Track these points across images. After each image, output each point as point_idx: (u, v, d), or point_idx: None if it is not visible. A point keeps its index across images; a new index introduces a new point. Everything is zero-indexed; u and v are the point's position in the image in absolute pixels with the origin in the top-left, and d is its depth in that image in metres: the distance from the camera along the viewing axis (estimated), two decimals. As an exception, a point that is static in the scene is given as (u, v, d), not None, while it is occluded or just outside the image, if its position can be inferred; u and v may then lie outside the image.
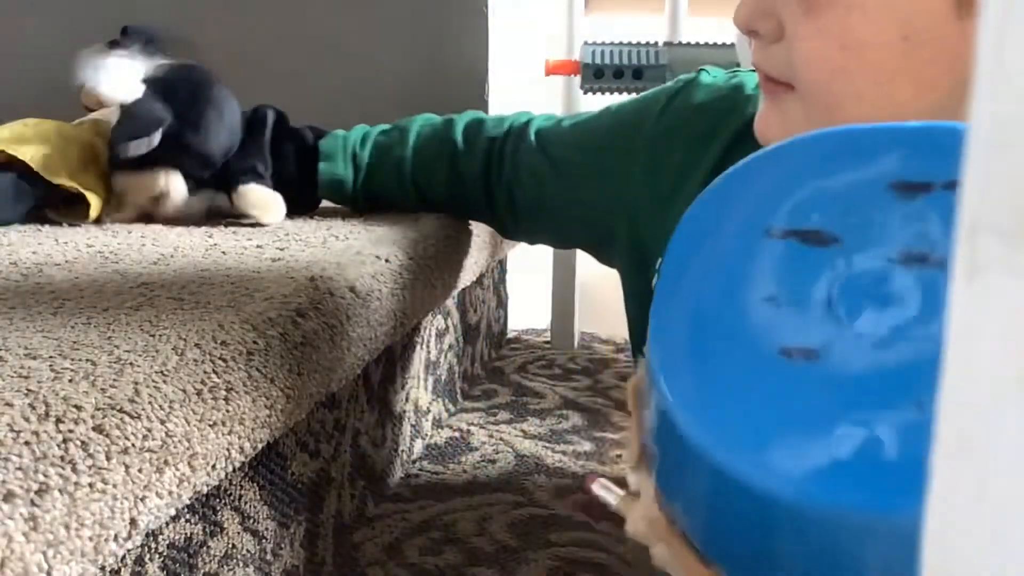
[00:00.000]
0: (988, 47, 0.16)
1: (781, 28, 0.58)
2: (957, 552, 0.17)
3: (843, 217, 0.35)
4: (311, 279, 0.68)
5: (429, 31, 1.36)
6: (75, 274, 0.70)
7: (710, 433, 0.33)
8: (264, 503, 0.62)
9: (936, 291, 0.32)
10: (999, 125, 0.16)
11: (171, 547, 0.51)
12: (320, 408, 0.69)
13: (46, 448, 0.39)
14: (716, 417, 0.33)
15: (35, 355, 0.50)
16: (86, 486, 0.40)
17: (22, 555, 0.36)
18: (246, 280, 0.68)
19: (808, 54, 0.57)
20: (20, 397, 0.43)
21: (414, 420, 0.99)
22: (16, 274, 0.70)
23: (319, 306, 0.65)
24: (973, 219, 0.16)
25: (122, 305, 0.61)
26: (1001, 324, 0.16)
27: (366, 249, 0.81)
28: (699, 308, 0.37)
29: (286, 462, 0.65)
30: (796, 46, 0.58)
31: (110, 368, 0.48)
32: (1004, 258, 0.16)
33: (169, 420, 0.46)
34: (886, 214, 0.34)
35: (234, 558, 0.58)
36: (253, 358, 0.55)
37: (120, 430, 0.43)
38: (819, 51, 0.56)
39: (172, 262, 0.75)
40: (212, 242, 0.84)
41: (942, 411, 0.17)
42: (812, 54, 0.57)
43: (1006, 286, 0.16)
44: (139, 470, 0.43)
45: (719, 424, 0.33)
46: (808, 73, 0.58)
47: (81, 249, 0.80)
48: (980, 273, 0.16)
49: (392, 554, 0.80)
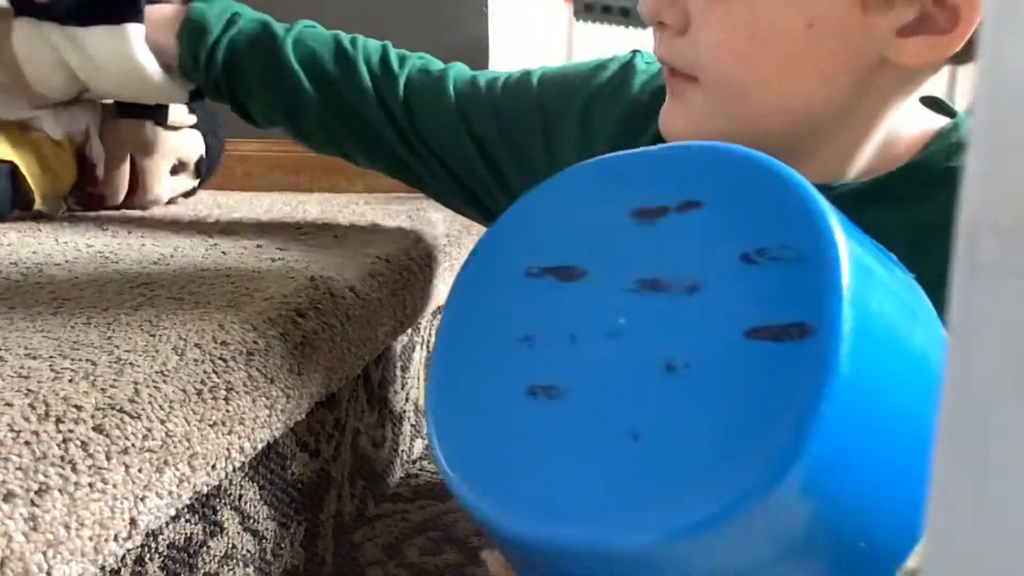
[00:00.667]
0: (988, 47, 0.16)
1: (687, 19, 0.58)
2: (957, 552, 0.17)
3: (591, 250, 0.34)
4: (311, 279, 0.68)
5: (429, 31, 1.36)
6: (75, 274, 0.70)
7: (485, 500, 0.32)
8: (264, 503, 0.62)
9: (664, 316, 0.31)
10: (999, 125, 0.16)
11: (171, 547, 0.51)
12: (320, 408, 0.69)
13: (46, 448, 0.39)
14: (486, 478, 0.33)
15: (35, 355, 0.50)
16: (86, 486, 0.40)
17: (22, 555, 0.36)
18: (246, 280, 0.68)
19: (713, 43, 0.57)
20: (20, 397, 0.43)
21: (414, 420, 0.99)
22: (16, 274, 0.70)
23: (319, 306, 0.65)
24: (973, 219, 0.16)
25: (122, 305, 0.61)
26: (1001, 324, 0.16)
27: (366, 249, 0.81)
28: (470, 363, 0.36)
29: (286, 462, 0.65)
30: (702, 35, 0.57)
31: (110, 368, 0.48)
32: (1004, 258, 0.16)
33: (169, 420, 0.46)
34: (627, 242, 0.34)
35: (234, 558, 0.58)
36: (253, 358, 0.55)
37: (120, 430, 0.43)
38: (724, 39, 0.56)
39: (172, 262, 0.75)
40: (212, 242, 0.84)
41: (942, 411, 0.17)
42: (717, 43, 0.56)
43: (1006, 286, 0.16)
44: (139, 470, 0.43)
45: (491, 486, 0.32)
46: (713, 63, 0.57)
47: (81, 249, 0.80)
48: (980, 273, 0.16)
49: (392, 554, 0.80)
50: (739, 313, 0.29)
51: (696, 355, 0.29)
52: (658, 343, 0.30)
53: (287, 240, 0.86)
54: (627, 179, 0.36)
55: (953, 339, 0.17)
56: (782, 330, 0.27)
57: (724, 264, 0.30)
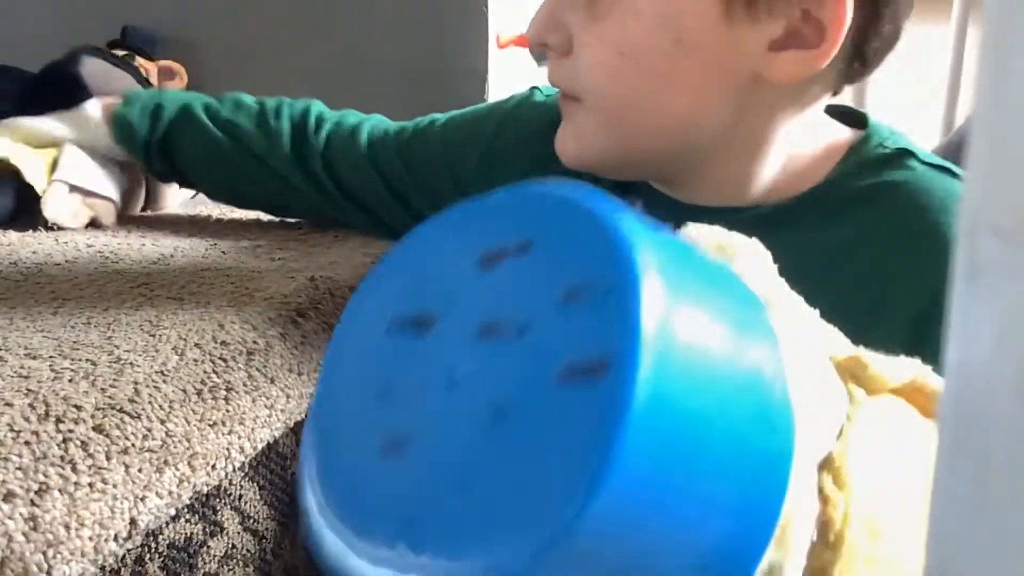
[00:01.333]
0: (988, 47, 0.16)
1: (570, 41, 0.58)
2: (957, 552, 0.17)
3: (441, 300, 0.34)
4: (311, 279, 0.68)
5: (429, 31, 1.36)
6: (75, 274, 0.70)
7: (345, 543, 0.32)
8: (264, 503, 0.62)
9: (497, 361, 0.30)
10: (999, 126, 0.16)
11: (171, 547, 0.51)
12: (320, 408, 0.69)
13: (46, 448, 0.39)
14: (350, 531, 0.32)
15: (35, 355, 0.50)
16: (86, 486, 0.40)
17: (22, 555, 0.36)
18: (246, 280, 0.68)
19: (590, 62, 0.57)
20: (20, 397, 0.43)
21: (414, 420, 0.99)
22: (16, 274, 0.70)
23: (319, 306, 0.65)
24: (973, 219, 0.16)
25: (122, 305, 0.61)
26: (1001, 324, 0.16)
27: (366, 249, 0.81)
28: (335, 429, 0.36)
29: (286, 462, 0.65)
30: (580, 55, 0.58)
31: (110, 368, 0.48)
32: (1004, 258, 0.16)
33: (169, 420, 0.46)
34: (470, 289, 0.33)
35: (234, 558, 0.58)
36: (253, 358, 0.55)
37: (120, 430, 0.43)
38: (599, 57, 0.57)
39: (172, 262, 0.75)
40: (212, 242, 0.84)
41: (942, 411, 0.17)
42: (592, 60, 0.57)
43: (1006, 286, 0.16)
44: (139, 470, 0.43)
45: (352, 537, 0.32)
46: (590, 81, 0.58)
47: (81, 249, 0.80)
48: (980, 273, 0.16)
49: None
50: (557, 353, 0.28)
51: (519, 399, 0.29)
52: (490, 389, 0.30)
53: (287, 240, 0.86)
54: (478, 224, 0.36)
55: (953, 339, 0.17)
56: (589, 368, 0.27)
57: (548, 304, 0.30)
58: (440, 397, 0.32)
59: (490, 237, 0.34)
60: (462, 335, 0.32)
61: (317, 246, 0.83)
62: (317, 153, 0.84)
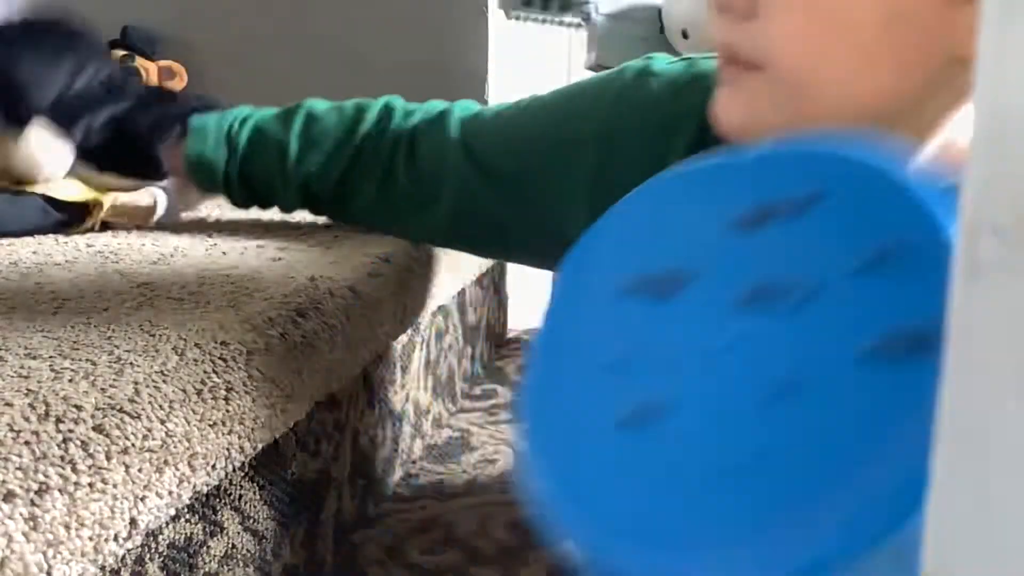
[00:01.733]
0: (988, 47, 0.16)
1: (756, 3, 0.54)
2: (957, 552, 0.17)
3: (687, 262, 0.32)
4: (311, 279, 0.68)
5: (429, 31, 1.36)
6: (75, 274, 0.70)
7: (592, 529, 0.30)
8: (264, 503, 0.62)
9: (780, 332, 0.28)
10: (999, 126, 0.16)
11: (171, 547, 0.51)
12: (320, 408, 0.69)
13: (46, 448, 0.39)
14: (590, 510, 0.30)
15: (35, 355, 0.50)
16: (86, 486, 0.40)
17: (22, 555, 0.36)
18: (246, 280, 0.68)
19: (786, 31, 0.53)
20: (20, 397, 0.43)
21: (414, 420, 0.99)
22: (16, 274, 0.70)
23: (319, 306, 0.65)
24: (973, 219, 0.16)
25: (122, 305, 0.61)
26: (1001, 324, 0.16)
27: (366, 249, 0.81)
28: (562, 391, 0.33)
29: (286, 462, 0.65)
30: (775, 22, 0.54)
31: (110, 368, 0.48)
32: (1004, 258, 0.16)
33: (169, 420, 0.46)
34: (727, 251, 0.31)
35: (234, 558, 0.58)
36: (253, 358, 0.55)
37: (120, 430, 0.43)
38: (799, 29, 0.53)
39: (172, 262, 0.75)
40: (212, 242, 0.84)
41: (942, 411, 0.17)
42: (791, 29, 0.53)
43: (1006, 286, 0.16)
44: (139, 470, 0.43)
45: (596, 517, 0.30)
46: (784, 52, 0.54)
47: (81, 249, 0.80)
48: (980, 273, 0.16)
49: (392, 554, 0.80)
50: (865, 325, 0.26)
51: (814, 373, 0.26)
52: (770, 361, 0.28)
53: (287, 240, 0.86)
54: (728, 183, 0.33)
55: (953, 339, 0.17)
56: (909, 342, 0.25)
57: (840, 269, 0.27)
58: (698, 368, 0.30)
59: (750, 197, 0.32)
60: (722, 300, 0.30)
61: (317, 246, 0.83)
62: None
